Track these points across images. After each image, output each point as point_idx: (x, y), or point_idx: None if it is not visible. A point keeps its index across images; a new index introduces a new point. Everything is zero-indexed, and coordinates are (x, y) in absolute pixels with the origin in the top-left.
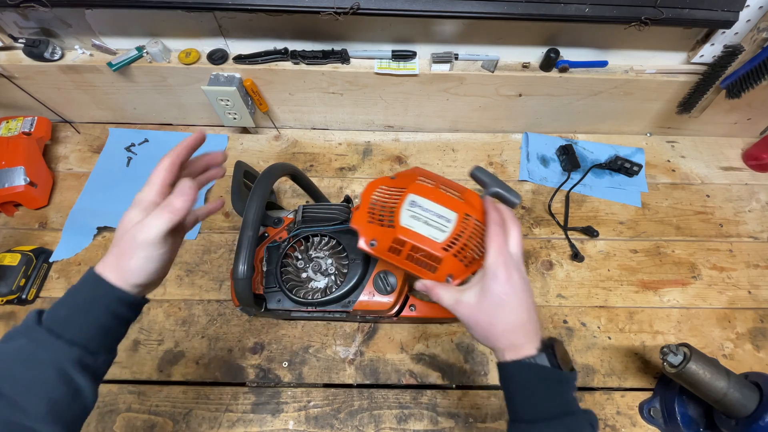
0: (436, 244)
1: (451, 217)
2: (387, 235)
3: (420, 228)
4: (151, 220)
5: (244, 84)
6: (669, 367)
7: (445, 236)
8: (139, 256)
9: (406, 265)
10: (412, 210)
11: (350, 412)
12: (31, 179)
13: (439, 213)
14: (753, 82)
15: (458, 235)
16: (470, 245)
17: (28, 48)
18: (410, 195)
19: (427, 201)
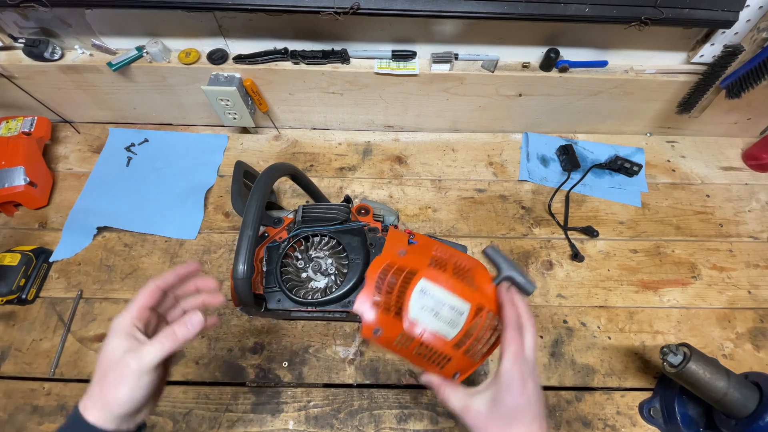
0: (446, 342)
1: (464, 310)
2: (394, 326)
3: (431, 322)
4: (149, 347)
5: (244, 84)
6: (669, 367)
7: (457, 332)
8: (130, 385)
9: (412, 358)
10: (422, 300)
11: (350, 412)
12: (31, 179)
13: (452, 304)
14: (753, 82)
15: (469, 330)
16: (481, 340)
17: (28, 48)
18: (422, 281)
19: (439, 290)
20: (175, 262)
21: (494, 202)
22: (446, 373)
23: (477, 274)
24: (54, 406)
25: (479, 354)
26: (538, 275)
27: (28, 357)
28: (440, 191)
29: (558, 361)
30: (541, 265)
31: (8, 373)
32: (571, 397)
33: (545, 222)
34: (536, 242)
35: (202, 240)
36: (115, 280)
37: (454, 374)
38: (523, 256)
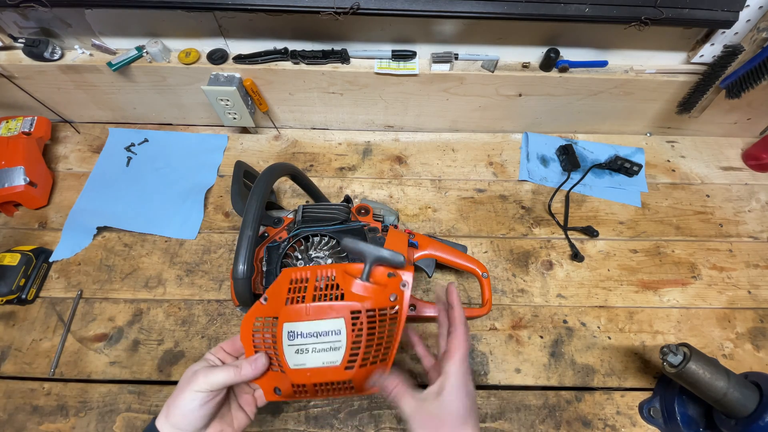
0: (336, 369)
1: (339, 327)
2: (284, 381)
3: (311, 360)
4: (217, 370)
5: (243, 84)
6: (669, 367)
7: (342, 354)
8: (188, 397)
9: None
10: (293, 343)
11: (350, 411)
12: (31, 179)
13: (324, 330)
14: (753, 82)
15: (356, 341)
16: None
17: (28, 48)
18: (285, 326)
19: (303, 324)
20: (174, 262)
21: (494, 202)
22: (361, 389)
23: (342, 279)
24: (54, 406)
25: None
26: (538, 275)
27: (28, 357)
28: (440, 191)
29: (558, 361)
30: (541, 265)
31: (8, 373)
32: (571, 397)
33: (545, 222)
34: (536, 242)
35: (202, 240)
36: (115, 280)
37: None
38: (523, 256)
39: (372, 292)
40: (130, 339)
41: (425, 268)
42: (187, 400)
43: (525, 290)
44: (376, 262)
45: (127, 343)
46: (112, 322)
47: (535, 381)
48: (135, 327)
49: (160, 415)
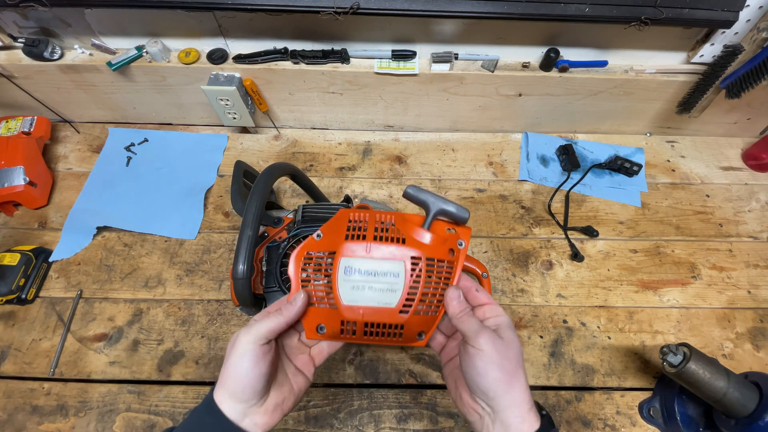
0: (390, 311)
1: (398, 270)
2: (333, 318)
3: (366, 298)
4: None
5: (243, 84)
6: (669, 366)
7: (398, 296)
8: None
9: (368, 340)
10: (350, 279)
11: (350, 411)
12: (31, 179)
13: (383, 270)
14: (753, 82)
15: (413, 286)
16: (430, 293)
17: (28, 47)
18: (342, 260)
19: (363, 261)
20: (174, 262)
21: (494, 201)
22: (408, 338)
23: (402, 225)
24: (53, 406)
25: (436, 304)
26: (538, 275)
27: (28, 357)
28: (440, 191)
29: (558, 361)
30: (541, 265)
31: (8, 373)
32: (570, 396)
33: (545, 222)
34: (536, 242)
35: (201, 240)
36: (114, 279)
37: (418, 335)
38: (523, 256)
39: (432, 241)
40: (129, 339)
41: None
42: (237, 363)
43: (525, 290)
44: (440, 214)
45: (126, 343)
46: (112, 321)
47: (535, 381)
48: (135, 327)
49: (216, 387)
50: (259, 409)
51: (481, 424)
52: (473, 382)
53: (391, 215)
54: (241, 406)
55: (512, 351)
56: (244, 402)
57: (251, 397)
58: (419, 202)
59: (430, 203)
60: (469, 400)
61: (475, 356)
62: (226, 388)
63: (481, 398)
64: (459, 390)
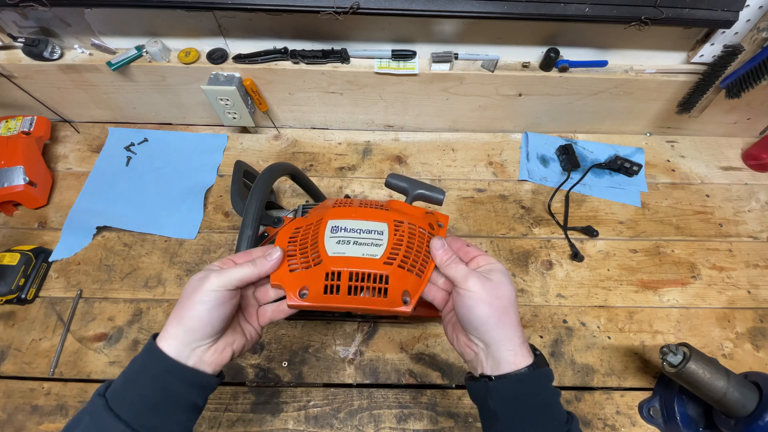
0: (375, 261)
1: (382, 228)
2: (317, 275)
3: (351, 250)
4: (231, 268)
5: (243, 83)
6: (668, 366)
7: (383, 249)
8: (202, 299)
9: (352, 301)
10: (336, 235)
11: (350, 411)
12: (31, 179)
13: (367, 228)
14: (753, 82)
15: (397, 243)
16: (414, 251)
17: (28, 47)
18: (329, 221)
19: (349, 221)
20: (174, 262)
21: (494, 201)
22: (393, 300)
23: (388, 203)
24: (53, 406)
25: (419, 267)
26: (538, 275)
27: (28, 357)
28: None
29: (558, 361)
30: (540, 265)
31: (8, 373)
32: (570, 396)
33: (545, 222)
34: (536, 242)
35: (201, 240)
36: (114, 279)
37: (403, 299)
38: (523, 256)
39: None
40: (129, 339)
41: None
42: (200, 302)
43: (525, 290)
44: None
45: (126, 343)
46: (112, 321)
47: None
48: (135, 327)
49: (166, 327)
50: (208, 348)
51: (476, 360)
52: (465, 319)
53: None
54: (188, 346)
55: (502, 291)
56: (196, 341)
57: (206, 336)
58: (400, 188)
59: (409, 187)
60: (464, 338)
61: (465, 296)
62: (181, 326)
63: (474, 334)
64: (456, 332)
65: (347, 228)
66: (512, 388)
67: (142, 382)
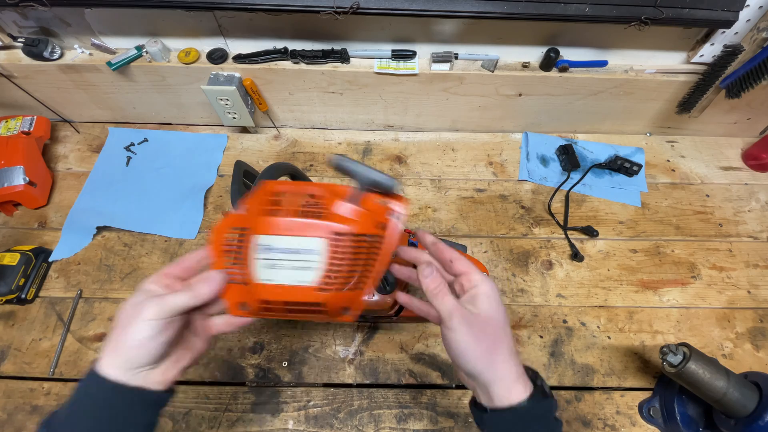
0: (307, 290)
1: (316, 247)
2: (251, 295)
3: (282, 277)
4: (169, 296)
5: (243, 83)
6: (668, 366)
7: (315, 275)
8: (139, 328)
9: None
10: (265, 258)
11: (350, 411)
12: (31, 179)
13: (299, 247)
14: (753, 82)
15: (333, 265)
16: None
17: (28, 47)
18: (257, 238)
19: (279, 239)
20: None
21: (494, 201)
22: (333, 314)
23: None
24: (53, 406)
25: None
26: (538, 275)
27: (28, 357)
28: (440, 191)
29: (558, 361)
30: (540, 265)
31: (8, 373)
32: (570, 396)
33: (545, 222)
34: (536, 242)
35: (201, 240)
36: (114, 279)
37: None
38: (523, 256)
39: (359, 216)
40: None
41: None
42: (137, 332)
43: (525, 290)
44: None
45: None
46: (112, 321)
47: None
48: None
49: (102, 358)
50: (151, 371)
51: (475, 392)
52: (453, 357)
53: (319, 187)
54: (130, 372)
55: (490, 324)
56: (139, 368)
57: (147, 363)
58: (346, 172)
59: (358, 174)
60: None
61: (449, 337)
62: (119, 356)
63: (464, 371)
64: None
65: (277, 248)
66: (507, 423)
67: (89, 411)
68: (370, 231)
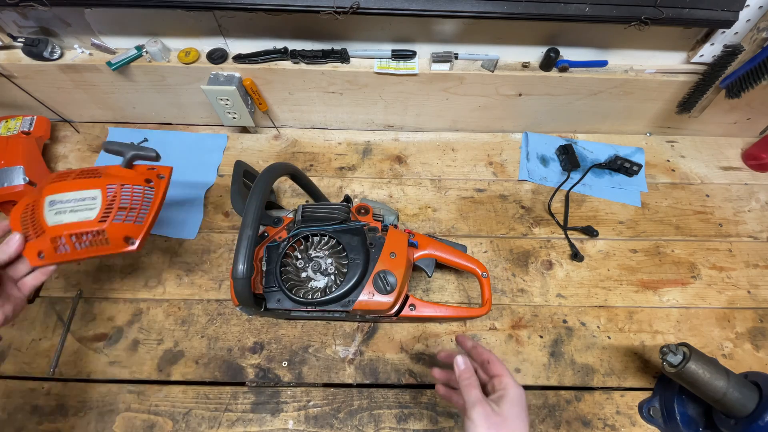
0: (90, 222)
1: (95, 194)
2: (46, 241)
3: (68, 218)
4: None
5: (243, 83)
6: (668, 366)
7: (96, 212)
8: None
9: (81, 253)
10: (53, 208)
11: (350, 411)
12: (31, 179)
13: (81, 197)
14: (753, 82)
15: (110, 204)
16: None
17: (28, 47)
18: (46, 198)
19: (63, 194)
20: (174, 262)
21: (494, 201)
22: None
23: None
24: (53, 406)
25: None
26: (538, 275)
27: (28, 356)
28: (440, 191)
29: (558, 361)
30: (540, 265)
31: (7, 373)
32: (570, 396)
33: (545, 222)
34: (536, 242)
35: (201, 239)
36: (114, 279)
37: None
38: (523, 256)
39: (128, 174)
40: (129, 339)
41: (425, 267)
42: None
43: (525, 290)
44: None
45: (126, 343)
46: (112, 321)
47: (535, 381)
48: (134, 327)
49: None
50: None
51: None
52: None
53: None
54: None
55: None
56: None
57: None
58: (115, 152)
59: (124, 151)
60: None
61: (468, 427)
62: None
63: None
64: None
65: (63, 200)
66: None
67: None
68: (137, 182)
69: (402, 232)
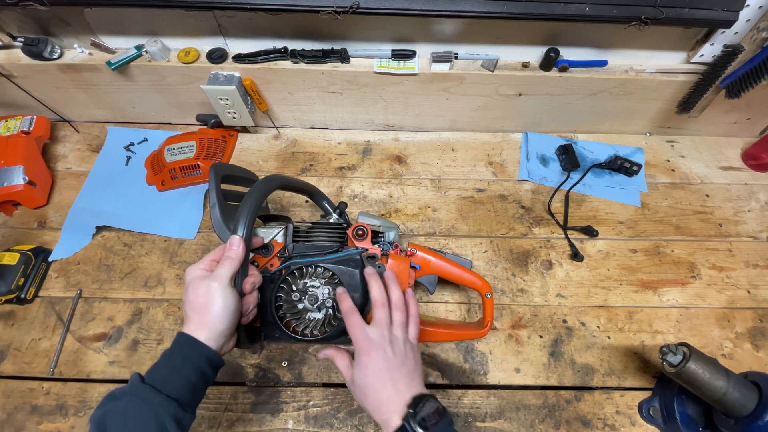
0: (190, 159)
1: (192, 144)
2: (165, 173)
3: (177, 158)
4: (218, 269)
5: (243, 83)
6: (668, 366)
7: (194, 154)
8: (218, 303)
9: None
10: (168, 152)
11: (350, 411)
12: (30, 178)
13: (184, 146)
14: (752, 82)
15: (201, 149)
16: (213, 150)
17: (27, 47)
18: (165, 147)
19: (174, 144)
20: (174, 262)
21: (494, 201)
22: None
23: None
24: (53, 406)
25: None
26: (538, 275)
27: (27, 356)
28: (440, 191)
29: (557, 361)
30: (540, 265)
31: (7, 373)
32: (570, 396)
33: (545, 222)
34: (536, 242)
35: (201, 239)
36: (114, 279)
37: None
38: (523, 256)
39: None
40: (129, 338)
41: (427, 285)
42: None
43: (525, 290)
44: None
45: (126, 343)
46: (112, 321)
47: (535, 380)
48: (134, 326)
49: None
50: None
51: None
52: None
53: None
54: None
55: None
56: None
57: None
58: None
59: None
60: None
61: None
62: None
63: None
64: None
65: (174, 148)
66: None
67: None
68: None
69: (404, 257)
